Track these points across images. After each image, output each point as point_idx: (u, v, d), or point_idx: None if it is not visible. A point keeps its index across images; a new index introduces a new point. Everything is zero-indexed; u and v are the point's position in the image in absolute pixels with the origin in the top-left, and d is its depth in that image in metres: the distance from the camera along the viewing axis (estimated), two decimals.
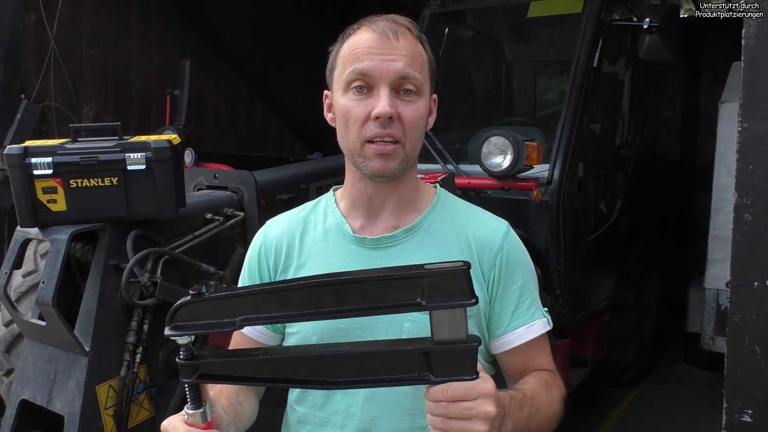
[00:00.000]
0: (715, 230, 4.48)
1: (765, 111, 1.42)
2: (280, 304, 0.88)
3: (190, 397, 0.93)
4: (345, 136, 1.16)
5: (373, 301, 0.85)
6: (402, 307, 0.85)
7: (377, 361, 0.88)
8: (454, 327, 0.85)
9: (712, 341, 4.62)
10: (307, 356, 0.91)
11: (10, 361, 2.58)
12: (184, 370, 0.91)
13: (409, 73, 1.11)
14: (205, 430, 0.94)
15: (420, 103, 1.14)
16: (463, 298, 0.83)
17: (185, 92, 4.28)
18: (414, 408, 1.14)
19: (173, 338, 0.89)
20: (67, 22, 4.56)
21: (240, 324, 0.88)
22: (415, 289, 0.83)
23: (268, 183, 2.97)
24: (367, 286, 0.85)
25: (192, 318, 0.89)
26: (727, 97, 4.38)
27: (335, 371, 0.89)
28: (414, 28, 1.18)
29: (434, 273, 0.83)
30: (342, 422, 1.17)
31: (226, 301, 0.89)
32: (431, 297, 0.83)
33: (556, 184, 3.41)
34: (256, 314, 0.88)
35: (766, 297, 1.42)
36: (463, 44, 4.61)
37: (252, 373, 0.92)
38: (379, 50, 1.11)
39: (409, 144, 1.14)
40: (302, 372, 0.91)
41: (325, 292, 0.86)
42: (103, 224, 2.30)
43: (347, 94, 1.14)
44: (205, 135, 5.76)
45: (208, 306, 0.89)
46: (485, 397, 0.88)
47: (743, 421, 1.45)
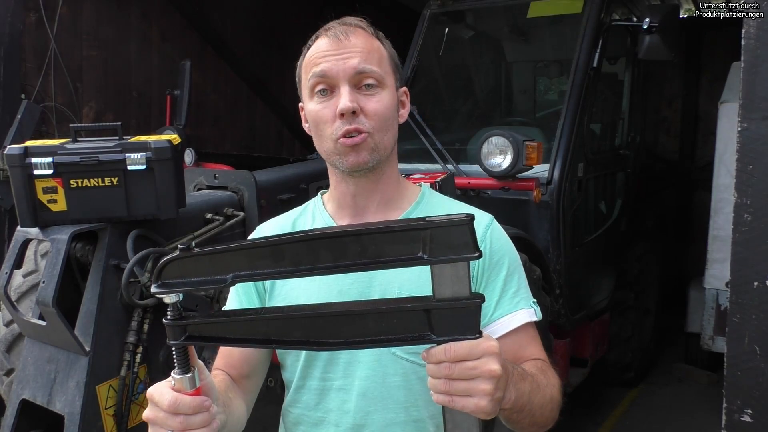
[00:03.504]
0: (714, 230, 4.48)
1: (765, 111, 1.42)
2: (275, 260, 0.83)
3: (177, 361, 0.89)
4: (319, 139, 1.20)
5: (372, 256, 0.81)
6: (402, 261, 0.81)
7: (376, 321, 0.84)
8: (457, 283, 0.81)
9: (712, 341, 4.62)
10: (303, 315, 0.87)
11: (10, 361, 2.58)
12: (171, 332, 0.86)
13: (365, 68, 1.15)
14: (193, 396, 0.91)
15: (383, 95, 1.17)
16: (466, 252, 0.79)
17: (185, 92, 4.27)
18: (407, 401, 1.15)
19: (160, 296, 0.85)
20: (67, 22, 4.55)
21: (232, 280, 0.84)
22: (416, 242, 0.80)
23: (268, 183, 2.97)
24: (366, 239, 0.81)
25: (181, 275, 0.84)
26: (727, 97, 4.38)
27: (331, 332, 0.85)
28: (367, 26, 1.22)
29: (436, 225, 0.79)
30: (337, 419, 1.18)
31: (218, 256, 0.84)
32: (433, 250, 0.79)
33: (556, 184, 3.41)
34: (249, 270, 0.83)
35: (766, 297, 1.42)
36: (463, 44, 4.62)
37: (243, 334, 0.88)
38: (334, 52, 1.15)
39: (377, 134, 1.16)
40: (296, 333, 0.86)
41: (321, 246, 0.82)
42: (104, 224, 2.30)
43: (313, 100, 1.18)
44: (205, 135, 5.75)
45: (198, 262, 0.84)
46: (489, 355, 0.85)
47: (743, 421, 1.45)
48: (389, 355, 1.15)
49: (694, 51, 7.38)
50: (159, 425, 0.92)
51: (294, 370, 1.23)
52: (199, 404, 0.91)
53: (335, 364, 1.18)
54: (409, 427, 1.16)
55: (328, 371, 1.18)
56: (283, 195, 3.00)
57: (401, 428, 1.16)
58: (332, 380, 1.18)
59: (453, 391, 0.85)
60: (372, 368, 1.16)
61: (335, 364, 1.18)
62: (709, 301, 4.60)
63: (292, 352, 1.23)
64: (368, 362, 1.16)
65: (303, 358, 1.21)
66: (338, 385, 1.18)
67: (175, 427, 0.90)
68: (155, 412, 0.92)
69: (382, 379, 1.16)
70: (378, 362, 1.16)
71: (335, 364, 1.18)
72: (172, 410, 0.90)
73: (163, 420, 0.91)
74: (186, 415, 0.90)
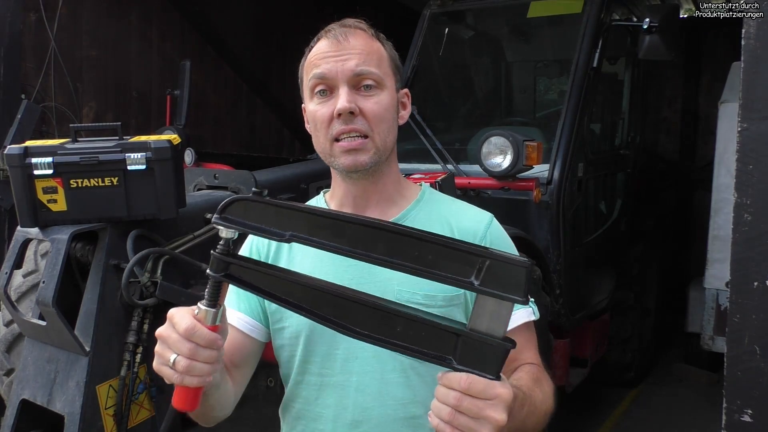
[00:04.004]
0: (714, 230, 4.48)
1: (765, 111, 1.42)
2: (334, 234, 0.84)
3: (208, 294, 0.91)
4: (317, 139, 1.21)
5: (426, 264, 0.81)
6: (452, 279, 0.81)
7: (405, 327, 0.84)
8: (495, 320, 0.81)
9: (712, 341, 4.62)
10: (341, 295, 0.88)
11: (10, 361, 2.58)
12: (215, 263, 0.88)
13: (364, 70, 1.16)
14: (210, 331, 0.92)
15: (382, 96, 1.18)
16: (515, 294, 0.79)
17: (185, 92, 4.28)
18: (405, 398, 1.16)
19: (217, 225, 0.87)
20: (67, 22, 4.56)
21: (289, 237, 0.86)
22: (472, 266, 0.80)
23: (268, 183, 2.97)
24: (426, 247, 0.81)
25: (243, 216, 0.87)
26: (727, 97, 4.39)
27: (359, 321, 0.86)
28: (368, 27, 1.23)
29: (496, 257, 0.79)
30: (335, 415, 1.18)
31: (284, 211, 0.86)
32: (485, 280, 0.79)
33: (556, 184, 3.41)
34: (308, 235, 0.85)
35: (766, 297, 1.42)
36: (463, 44, 4.62)
37: (279, 292, 0.89)
38: (333, 53, 1.17)
39: (378, 137, 1.17)
40: (327, 309, 0.87)
41: (383, 238, 0.83)
42: (104, 224, 2.30)
43: (313, 100, 1.20)
44: (205, 135, 5.75)
45: (264, 210, 0.86)
46: (501, 402, 0.83)
47: (743, 420, 1.46)
48: (387, 352, 1.15)
49: (694, 51, 7.38)
50: (168, 346, 0.94)
51: (291, 365, 1.23)
52: (212, 339, 0.93)
53: (332, 360, 1.18)
54: (407, 424, 1.16)
55: (326, 367, 1.19)
56: (283, 195, 3.00)
57: (399, 425, 1.16)
58: (330, 376, 1.18)
59: (455, 423, 0.84)
60: (370, 364, 1.16)
61: (332, 360, 1.18)
62: (709, 301, 4.60)
63: (288, 347, 1.23)
64: (366, 358, 1.16)
65: (300, 354, 1.21)
66: (336, 381, 1.18)
67: (183, 353, 0.92)
68: (169, 332, 0.94)
69: (381, 376, 1.16)
70: (376, 359, 1.16)
71: (332, 360, 1.18)
72: (186, 335, 0.91)
73: (174, 342, 0.93)
74: (197, 345, 0.92)
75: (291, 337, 1.22)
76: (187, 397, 0.96)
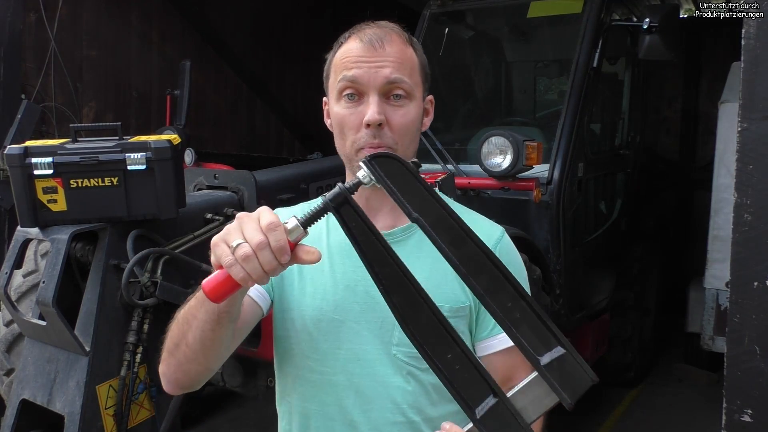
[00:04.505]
0: (714, 230, 4.48)
1: (765, 111, 1.42)
2: (453, 242, 0.85)
3: (309, 217, 0.88)
4: (341, 143, 1.20)
5: (510, 318, 0.82)
6: (523, 346, 0.82)
7: (456, 356, 0.84)
8: (534, 405, 0.81)
9: (712, 341, 4.62)
10: (419, 294, 0.87)
11: (10, 361, 2.58)
12: (336, 195, 0.87)
13: (397, 78, 1.15)
14: (287, 240, 0.87)
15: (410, 107, 1.18)
16: (567, 393, 0.79)
17: (185, 92, 4.28)
18: (404, 401, 1.15)
19: (363, 166, 0.87)
20: (67, 22, 4.56)
21: (415, 219, 0.86)
22: (547, 347, 0.81)
23: (268, 183, 2.97)
24: (520, 304, 0.83)
25: (387, 175, 0.87)
26: (727, 97, 4.38)
27: (420, 326, 0.85)
28: (402, 32, 1.21)
29: (575, 355, 0.80)
30: (332, 413, 1.18)
31: (425, 193, 0.87)
32: (551, 367, 0.80)
33: (556, 184, 3.41)
34: (431, 228, 0.85)
35: (766, 297, 1.42)
36: (463, 44, 4.62)
37: (369, 255, 0.87)
38: (367, 58, 1.15)
39: (401, 149, 1.16)
40: (399, 298, 0.86)
41: (490, 271, 0.84)
42: (104, 224, 2.30)
43: (340, 102, 1.18)
44: (205, 135, 5.75)
45: (408, 182, 0.87)
46: None
47: (743, 420, 1.46)
48: (390, 356, 1.16)
49: (694, 51, 7.38)
50: (242, 229, 0.87)
51: (289, 358, 1.22)
52: (284, 249, 0.87)
53: (334, 359, 1.17)
54: (405, 428, 1.16)
55: (326, 365, 1.18)
56: (283, 195, 3.01)
57: (397, 429, 1.16)
58: (330, 375, 1.18)
59: None
60: (371, 366, 1.16)
61: (334, 358, 1.17)
62: (709, 301, 4.60)
63: (290, 338, 1.21)
64: (368, 361, 1.16)
65: (301, 347, 1.20)
66: (336, 380, 1.18)
67: (252, 241, 0.86)
68: (249, 219, 0.88)
69: (382, 379, 1.16)
70: (378, 361, 1.16)
71: (334, 358, 1.17)
72: (266, 229, 0.86)
73: (249, 228, 0.87)
74: (268, 244, 0.86)
75: (294, 329, 1.21)
76: (220, 286, 0.90)
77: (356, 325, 1.16)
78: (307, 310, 1.19)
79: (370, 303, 1.16)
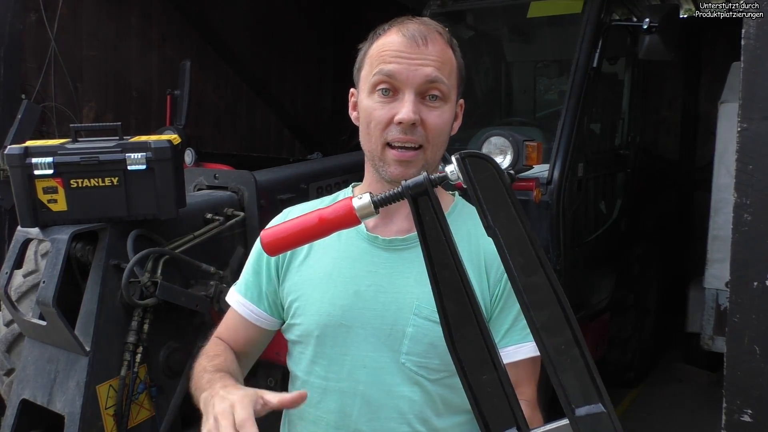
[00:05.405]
0: (714, 230, 4.48)
1: (765, 111, 1.42)
2: (522, 265, 0.83)
3: (385, 197, 0.89)
4: (367, 137, 1.16)
5: (556, 358, 0.81)
6: (563, 393, 0.80)
7: (491, 380, 0.82)
8: None
9: (712, 341, 4.62)
10: (473, 307, 0.85)
11: (10, 361, 2.58)
12: (416, 183, 0.88)
13: (437, 77, 1.11)
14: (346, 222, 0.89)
15: (445, 109, 1.14)
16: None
17: (185, 92, 4.28)
18: (410, 411, 1.13)
19: (453, 162, 0.87)
20: (67, 22, 4.56)
21: (490, 230, 0.86)
22: (584, 399, 0.80)
23: (268, 183, 2.97)
24: (572, 348, 0.81)
25: (476, 174, 0.87)
26: (727, 97, 4.38)
27: (465, 342, 0.84)
28: (445, 32, 1.17)
29: (611, 414, 0.79)
30: (336, 421, 1.17)
31: (507, 202, 0.87)
32: (582, 420, 0.79)
33: (556, 184, 3.41)
34: (505, 245, 0.84)
35: (766, 297, 1.43)
36: (463, 44, 4.61)
37: (434, 253, 0.86)
38: (408, 54, 1.10)
39: (430, 150, 1.13)
40: (452, 306, 0.85)
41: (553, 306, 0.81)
42: (104, 224, 2.30)
43: (372, 96, 1.13)
44: (205, 135, 5.75)
45: (496, 188, 0.87)
46: None
47: (743, 420, 1.46)
48: (398, 365, 1.13)
49: (694, 51, 7.38)
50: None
51: (299, 361, 1.22)
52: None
53: (340, 365, 1.16)
54: None
55: (332, 371, 1.17)
56: (283, 195, 3.00)
57: None
58: (335, 381, 1.17)
59: None
60: (377, 375, 1.14)
61: (340, 365, 1.16)
62: (709, 301, 4.59)
63: (298, 344, 1.21)
64: (375, 369, 1.14)
65: (309, 353, 1.19)
66: (341, 387, 1.16)
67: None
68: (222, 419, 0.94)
69: (388, 388, 1.14)
70: (384, 370, 1.14)
71: (340, 365, 1.16)
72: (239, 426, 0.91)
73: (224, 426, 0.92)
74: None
75: (302, 335, 1.20)
76: None
77: (363, 331, 1.14)
78: (315, 315, 1.18)
79: (379, 310, 1.14)
